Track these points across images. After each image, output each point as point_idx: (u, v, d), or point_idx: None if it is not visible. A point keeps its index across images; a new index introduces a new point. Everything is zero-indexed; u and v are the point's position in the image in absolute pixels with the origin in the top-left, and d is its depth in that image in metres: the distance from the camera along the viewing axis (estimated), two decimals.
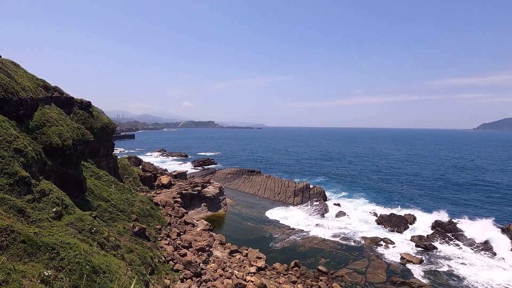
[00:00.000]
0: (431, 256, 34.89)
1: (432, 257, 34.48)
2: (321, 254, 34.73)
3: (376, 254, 34.92)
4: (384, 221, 45.65)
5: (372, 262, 32.71)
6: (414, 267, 31.65)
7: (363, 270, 30.91)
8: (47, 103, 23.57)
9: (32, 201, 14.24)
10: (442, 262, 33.17)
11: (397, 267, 31.73)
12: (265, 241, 38.01)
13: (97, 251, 13.56)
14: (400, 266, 32.08)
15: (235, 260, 29.43)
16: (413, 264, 32.28)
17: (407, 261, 32.79)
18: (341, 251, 35.64)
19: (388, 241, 38.43)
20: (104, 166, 34.82)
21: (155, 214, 32.30)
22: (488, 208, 54.59)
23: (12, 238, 9.81)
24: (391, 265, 32.17)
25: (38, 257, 9.91)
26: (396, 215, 46.54)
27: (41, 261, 9.80)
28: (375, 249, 36.23)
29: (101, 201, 26.00)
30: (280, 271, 29.19)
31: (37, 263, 9.61)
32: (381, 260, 33.39)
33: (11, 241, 9.71)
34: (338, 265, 32.04)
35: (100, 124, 34.17)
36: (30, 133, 18.60)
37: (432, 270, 31.39)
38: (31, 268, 8.88)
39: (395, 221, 44.81)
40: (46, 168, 18.34)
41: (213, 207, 48.53)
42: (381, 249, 36.25)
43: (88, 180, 26.10)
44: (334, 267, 31.40)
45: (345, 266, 31.84)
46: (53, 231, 12.58)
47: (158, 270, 21.39)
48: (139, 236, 24.45)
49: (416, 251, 36.25)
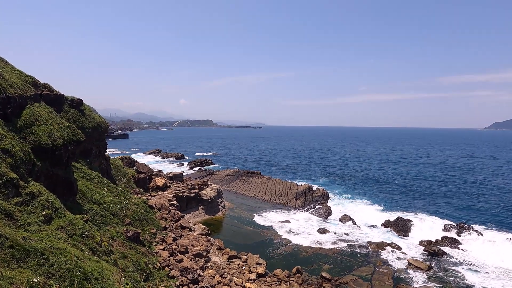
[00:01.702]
0: (440, 262, 34.90)
1: (442, 263, 34.49)
2: (324, 260, 34.73)
3: (383, 260, 34.93)
4: (390, 225, 45.68)
5: (378, 269, 32.72)
6: (422, 274, 31.66)
7: (369, 277, 30.92)
8: (36, 101, 23.57)
9: (20, 204, 14.23)
10: (452, 269, 33.20)
11: (404, 274, 31.73)
12: (265, 246, 38.03)
13: (88, 256, 13.56)
14: (407, 272, 32.07)
15: (234, 266, 29.43)
16: (421, 270, 32.28)
17: (415, 267, 32.79)
18: (346, 257, 35.65)
19: (395, 246, 38.46)
20: (96, 167, 34.81)
21: (150, 217, 32.30)
22: (501, 213, 54.58)
23: (0, 243, 9.80)
24: (398, 272, 32.18)
25: (26, 263, 9.90)
26: (403, 219, 46.57)
27: (30, 267, 9.80)
28: (381, 255, 36.23)
29: (93, 204, 25.99)
30: (281, 277, 29.18)
31: (25, 269, 9.60)
32: (387, 266, 33.41)
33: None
34: (343, 271, 32.05)
35: (92, 123, 34.16)
36: (18, 132, 18.60)
37: (441, 276, 31.40)
38: (19, 274, 8.88)
39: (402, 225, 44.83)
40: (35, 169, 18.33)
41: (210, 211, 48.53)
42: (388, 255, 36.26)
43: (79, 182, 26.10)
44: (338, 273, 31.39)
45: (349, 272, 31.84)
46: (43, 236, 12.58)
47: (153, 277, 21.38)
48: (133, 241, 24.45)
49: (425, 256, 36.26)
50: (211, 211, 48.57)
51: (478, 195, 66.15)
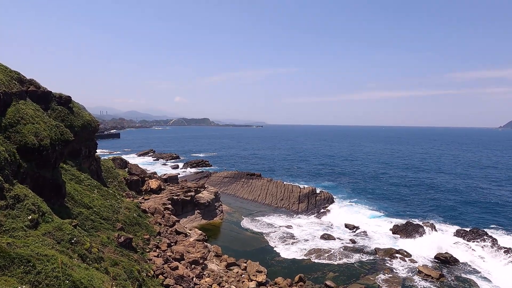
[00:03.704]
0: (452, 269, 34.90)
1: (454, 271, 34.49)
2: (328, 267, 34.73)
3: (391, 267, 34.92)
4: (399, 230, 45.67)
5: (386, 277, 32.70)
6: (433, 282, 31.65)
7: (376, 286, 30.94)
8: (22, 98, 23.56)
9: (5, 207, 14.21)
10: (464, 277, 33.20)
11: (414, 282, 31.71)
12: (266, 253, 38.03)
13: (77, 264, 13.55)
14: (417, 281, 32.06)
15: (232, 274, 29.42)
16: (432, 278, 32.26)
17: (425, 275, 32.78)
18: (351, 264, 35.66)
19: (404, 253, 38.44)
20: (86, 169, 34.80)
21: (143, 222, 32.29)
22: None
23: None
24: (407, 280, 32.18)
25: (11, 270, 9.88)
26: (413, 224, 46.56)
27: (15, 275, 9.79)
28: (390, 262, 36.22)
29: (82, 207, 25.99)
30: (283, 286, 29.16)
31: (10, 277, 9.59)
32: (396, 274, 33.40)
33: None
34: (348, 279, 32.04)
35: (81, 121, 34.14)
36: (3, 131, 18.58)
37: (453, 285, 31.40)
38: (3, 283, 8.87)
39: (411, 230, 44.82)
40: (20, 170, 18.31)
41: (207, 215, 48.52)
42: (396, 262, 36.25)
43: (67, 184, 26.09)
44: (343, 282, 31.40)
45: (355, 281, 31.82)
46: (29, 242, 12.56)
47: (146, 286, 21.37)
48: (125, 247, 24.43)
49: (436, 264, 36.27)
50: (208, 216, 48.55)
51: (494, 198, 66.15)
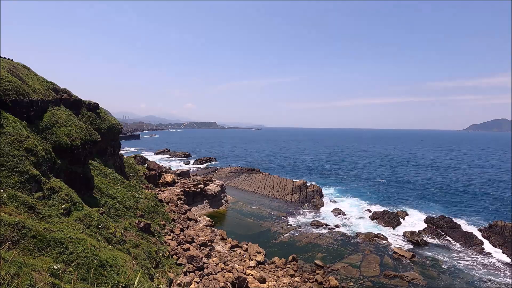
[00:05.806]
0: (422, 250, 34.90)
1: (424, 252, 34.49)
2: (317, 249, 34.72)
3: (370, 249, 34.91)
4: (377, 217, 45.66)
5: (366, 257, 32.71)
6: (406, 261, 31.66)
7: (358, 264, 30.92)
8: (57, 104, 23.57)
9: (42, 198, 14.23)
10: (433, 257, 33.19)
11: (390, 261, 31.73)
12: (264, 237, 38.01)
13: (104, 245, 13.56)
14: (393, 260, 32.07)
15: (235, 254, 29.42)
16: (405, 258, 32.28)
17: (399, 255, 32.78)
18: (337, 246, 35.64)
19: (382, 236, 38.43)
20: (111, 165, 34.79)
21: (160, 210, 32.29)
22: (477, 205, 54.61)
23: (23, 233, 9.80)
24: (385, 259, 32.17)
25: (48, 251, 9.90)
26: (389, 212, 46.56)
27: (50, 255, 9.80)
28: (369, 244, 36.21)
29: (108, 198, 25.99)
30: (279, 265, 29.19)
31: (47, 257, 9.60)
32: (375, 254, 33.39)
33: (22, 236, 9.70)
34: (334, 259, 32.05)
35: (107, 124, 34.14)
36: (41, 133, 18.60)
37: (423, 264, 31.40)
38: (41, 262, 8.88)
39: (388, 217, 44.81)
40: (55, 166, 18.34)
41: (214, 204, 48.51)
42: (375, 244, 36.24)
43: (95, 178, 26.10)
44: (330, 261, 31.40)
45: (340, 260, 31.84)
46: (62, 227, 12.56)
47: (162, 264, 21.38)
48: (144, 231, 24.44)
49: (409, 246, 36.27)
50: (215, 205, 48.54)
51: (457, 190, 66.15)
